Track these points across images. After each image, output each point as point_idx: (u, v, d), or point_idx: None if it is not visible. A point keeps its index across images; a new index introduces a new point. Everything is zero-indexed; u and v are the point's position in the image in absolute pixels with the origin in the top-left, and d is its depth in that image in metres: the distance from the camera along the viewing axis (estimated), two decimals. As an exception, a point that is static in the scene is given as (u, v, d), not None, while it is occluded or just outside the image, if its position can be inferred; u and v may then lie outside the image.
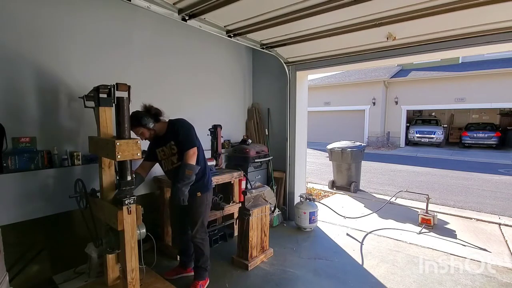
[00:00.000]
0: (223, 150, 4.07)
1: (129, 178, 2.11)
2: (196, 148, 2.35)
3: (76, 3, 2.73)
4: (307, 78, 4.58)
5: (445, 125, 16.52)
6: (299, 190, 4.46)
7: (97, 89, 2.17)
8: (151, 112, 2.38)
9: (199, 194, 2.48)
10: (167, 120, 2.49)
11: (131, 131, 2.15)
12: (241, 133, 4.76)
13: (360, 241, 3.75)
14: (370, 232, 4.02)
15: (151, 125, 2.33)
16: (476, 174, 8.62)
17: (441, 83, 14.73)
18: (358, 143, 6.51)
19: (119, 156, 1.89)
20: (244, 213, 3.01)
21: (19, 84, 2.43)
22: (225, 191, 3.69)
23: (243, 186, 3.80)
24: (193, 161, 2.30)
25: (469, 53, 3.32)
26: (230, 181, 3.61)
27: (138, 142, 1.98)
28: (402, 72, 16.52)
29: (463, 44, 2.93)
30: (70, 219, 2.71)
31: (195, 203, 2.46)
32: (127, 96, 2.12)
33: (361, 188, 6.65)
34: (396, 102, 15.94)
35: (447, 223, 4.44)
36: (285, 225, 4.27)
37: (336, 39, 3.20)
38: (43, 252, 2.55)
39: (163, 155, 2.51)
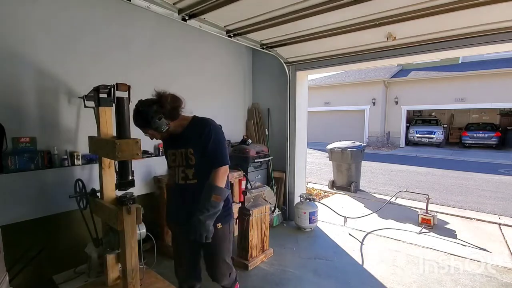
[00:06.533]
0: (223, 150, 4.07)
1: (129, 178, 2.11)
2: (228, 166, 1.77)
3: (76, 3, 2.74)
4: (307, 78, 4.58)
5: (445, 125, 16.52)
6: (299, 190, 4.46)
7: (97, 89, 2.17)
8: (166, 107, 1.68)
9: (219, 225, 1.79)
10: (189, 115, 1.85)
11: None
12: (241, 133, 4.76)
13: (360, 241, 3.75)
14: (370, 232, 4.02)
15: (164, 127, 1.69)
16: (476, 174, 8.62)
17: (441, 83, 14.73)
18: (358, 143, 6.51)
19: (119, 156, 1.88)
20: (244, 213, 3.01)
21: (19, 84, 2.43)
22: (225, 191, 3.69)
23: (243, 186, 3.80)
24: (223, 182, 1.72)
25: (469, 53, 3.32)
26: (230, 181, 3.61)
27: (138, 142, 1.97)
28: (402, 72, 16.52)
29: (463, 44, 2.93)
30: (70, 219, 2.71)
31: (216, 239, 1.76)
32: (127, 96, 2.12)
33: (361, 188, 6.65)
34: (396, 102, 15.94)
35: (447, 223, 4.44)
36: (285, 225, 4.27)
37: (336, 39, 3.20)
38: (43, 252, 2.55)
39: (173, 162, 1.86)
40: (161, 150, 3.39)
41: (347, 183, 6.39)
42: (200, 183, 1.76)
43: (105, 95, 2.19)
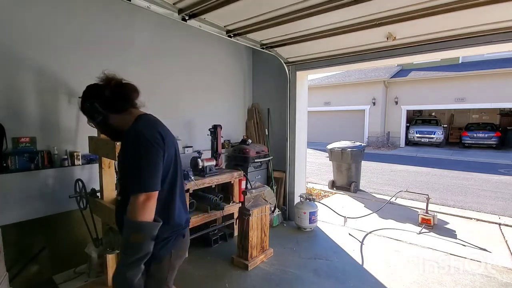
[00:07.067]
0: (223, 150, 4.07)
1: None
2: (153, 193, 1.19)
3: (77, 3, 2.74)
4: (307, 78, 4.59)
5: (445, 125, 16.51)
6: (299, 190, 4.46)
7: (97, 89, 2.17)
8: (105, 93, 1.33)
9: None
10: (140, 112, 1.41)
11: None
12: (241, 133, 4.76)
13: (360, 241, 3.75)
14: (370, 232, 4.01)
15: (96, 116, 1.34)
16: (476, 174, 8.61)
17: (441, 83, 14.73)
18: (358, 143, 6.51)
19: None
20: (244, 213, 3.01)
21: (19, 84, 2.44)
22: (225, 191, 3.69)
23: (243, 186, 3.80)
24: (146, 214, 1.17)
25: (469, 53, 3.32)
26: (230, 181, 3.61)
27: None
28: (402, 72, 16.52)
29: (463, 44, 2.93)
30: (70, 219, 2.71)
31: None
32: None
33: (361, 188, 6.65)
34: (396, 102, 15.94)
35: (447, 223, 4.44)
36: (285, 225, 4.27)
37: (336, 39, 3.20)
38: (43, 252, 2.55)
39: None
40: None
41: (347, 183, 6.39)
42: (122, 201, 1.32)
43: (105, 95, 2.18)
